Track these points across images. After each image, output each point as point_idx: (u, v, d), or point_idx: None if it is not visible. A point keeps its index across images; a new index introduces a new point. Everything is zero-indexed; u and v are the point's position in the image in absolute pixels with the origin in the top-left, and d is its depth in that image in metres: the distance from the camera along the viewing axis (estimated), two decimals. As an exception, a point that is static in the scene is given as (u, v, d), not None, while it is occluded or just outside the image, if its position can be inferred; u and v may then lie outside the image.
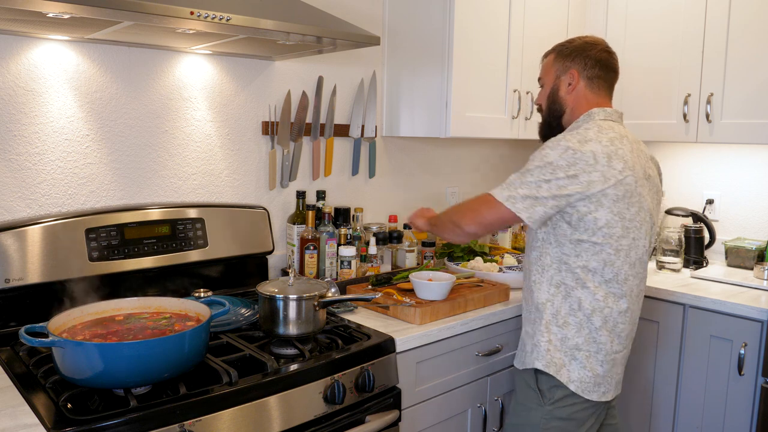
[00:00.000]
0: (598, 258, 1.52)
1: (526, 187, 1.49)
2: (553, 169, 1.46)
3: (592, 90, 1.65)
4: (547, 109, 1.71)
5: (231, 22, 1.41)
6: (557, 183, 1.46)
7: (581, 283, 1.54)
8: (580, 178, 1.45)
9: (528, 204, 1.49)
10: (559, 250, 1.56)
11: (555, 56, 1.69)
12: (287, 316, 1.54)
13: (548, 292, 1.59)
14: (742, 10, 2.24)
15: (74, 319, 1.38)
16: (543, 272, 1.60)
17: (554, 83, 1.69)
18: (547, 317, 1.59)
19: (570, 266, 1.54)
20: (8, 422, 1.12)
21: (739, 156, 2.62)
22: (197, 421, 1.22)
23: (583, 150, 1.46)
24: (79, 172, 1.75)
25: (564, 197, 1.47)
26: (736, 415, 2.06)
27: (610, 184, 1.46)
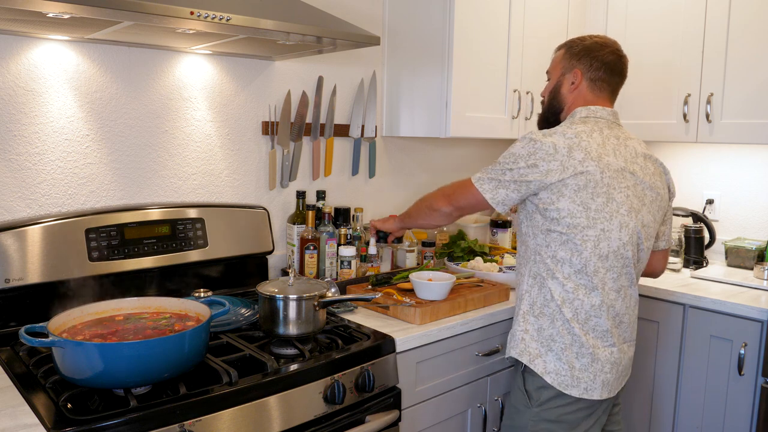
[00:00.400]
0: (566, 248, 1.56)
1: (493, 172, 1.61)
2: (515, 158, 1.56)
3: (593, 91, 1.68)
4: (548, 104, 1.76)
5: (231, 22, 1.41)
6: (519, 171, 1.56)
7: (551, 273, 1.58)
8: (539, 167, 1.53)
9: (492, 186, 1.60)
10: (534, 241, 1.61)
11: (564, 52, 1.72)
12: (287, 316, 1.54)
13: (527, 282, 1.64)
14: (742, 10, 2.24)
15: (74, 319, 1.37)
16: (525, 264, 1.66)
17: (558, 80, 1.72)
18: (524, 307, 1.63)
19: (542, 256, 1.59)
20: (8, 422, 1.12)
21: (739, 156, 2.62)
22: (197, 421, 1.22)
23: (544, 141, 1.54)
24: (79, 172, 1.75)
25: (524, 183, 1.56)
26: (736, 415, 2.06)
27: (568, 174, 1.51)
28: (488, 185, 1.60)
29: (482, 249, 2.41)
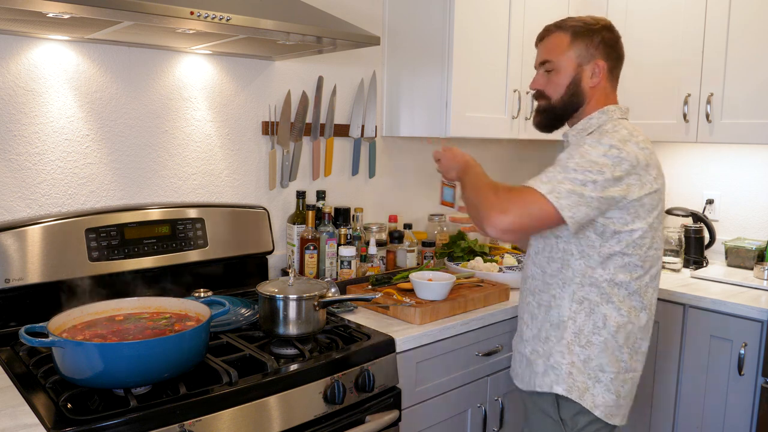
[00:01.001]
0: (625, 270, 1.41)
1: (569, 183, 1.31)
2: (600, 167, 1.31)
3: (611, 83, 1.53)
4: (567, 100, 1.51)
5: (231, 22, 1.41)
6: (603, 183, 1.31)
7: (607, 297, 1.41)
8: (623, 181, 1.33)
9: (573, 201, 1.31)
10: (583, 263, 1.41)
11: (572, 37, 1.49)
12: (287, 316, 1.54)
13: (570, 308, 1.44)
14: (742, 10, 2.24)
15: (74, 319, 1.37)
16: (564, 287, 1.45)
17: (576, 72, 1.49)
18: (568, 336, 1.44)
19: (596, 280, 1.41)
20: (8, 422, 1.12)
21: (739, 156, 2.62)
22: (197, 421, 1.22)
23: (627, 150, 1.34)
24: (79, 172, 1.75)
25: (606, 200, 1.33)
26: (736, 415, 2.06)
27: (645, 191, 1.36)
28: (567, 200, 1.30)
29: (482, 249, 2.41)
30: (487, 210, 1.36)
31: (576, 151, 1.36)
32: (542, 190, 1.32)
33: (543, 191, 1.32)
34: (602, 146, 1.35)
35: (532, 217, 1.33)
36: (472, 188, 1.47)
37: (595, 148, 1.35)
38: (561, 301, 1.45)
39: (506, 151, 3.03)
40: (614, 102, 1.52)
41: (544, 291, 1.49)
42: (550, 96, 1.52)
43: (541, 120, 1.58)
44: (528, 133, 2.47)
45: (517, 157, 3.08)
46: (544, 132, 1.60)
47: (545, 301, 1.49)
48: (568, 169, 1.33)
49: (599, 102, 1.50)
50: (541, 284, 1.50)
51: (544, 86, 1.54)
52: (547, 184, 1.33)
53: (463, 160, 1.59)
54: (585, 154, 1.34)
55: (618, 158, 1.33)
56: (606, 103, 1.50)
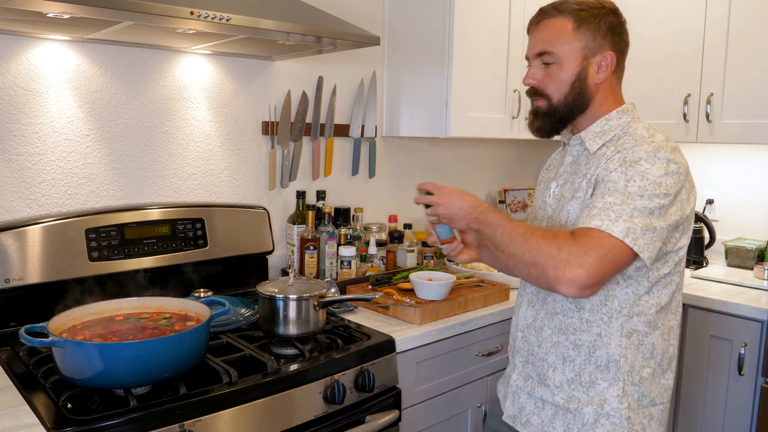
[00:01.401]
0: (668, 290, 1.27)
1: (640, 216, 1.12)
2: (666, 189, 1.14)
3: (618, 77, 1.32)
4: (571, 100, 1.28)
5: (231, 22, 1.41)
6: (668, 208, 1.15)
7: (654, 325, 1.26)
8: (679, 199, 1.18)
9: (648, 239, 1.13)
10: (631, 291, 1.24)
11: (576, 23, 1.26)
12: (287, 316, 1.54)
13: (620, 345, 1.25)
14: (742, 10, 2.24)
15: (74, 319, 1.37)
16: (611, 322, 1.25)
17: (582, 65, 1.27)
18: (622, 376, 1.25)
19: (643, 308, 1.24)
20: (8, 422, 1.12)
21: (739, 156, 2.62)
22: (197, 421, 1.22)
23: (680, 161, 1.18)
24: (79, 172, 1.75)
25: (671, 226, 1.17)
26: (736, 415, 2.06)
27: (692, 205, 1.22)
28: (643, 240, 1.12)
29: (482, 249, 2.41)
30: (557, 269, 1.11)
31: (633, 170, 1.15)
32: (616, 233, 1.11)
33: (618, 235, 1.11)
34: (660, 161, 1.16)
35: (612, 265, 1.13)
36: (510, 243, 1.20)
37: (654, 164, 1.15)
38: (609, 339, 1.25)
39: (506, 151, 3.03)
40: (622, 98, 1.34)
41: (583, 330, 1.27)
42: (551, 95, 1.29)
43: (541, 124, 1.33)
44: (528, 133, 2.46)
45: (517, 157, 3.08)
46: (543, 137, 1.37)
47: (587, 341, 1.26)
48: (633, 196, 1.13)
49: (606, 99, 1.30)
50: (577, 322, 1.27)
51: (542, 82, 1.30)
52: (617, 223, 1.12)
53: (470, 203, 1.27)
54: (646, 174, 1.14)
55: (677, 174, 1.16)
56: (616, 101, 1.31)
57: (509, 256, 1.20)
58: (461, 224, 1.28)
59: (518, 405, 1.39)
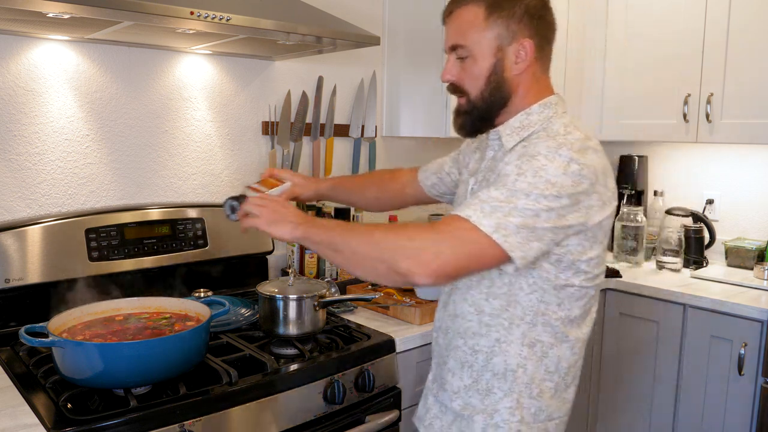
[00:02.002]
0: (581, 303, 1.18)
1: (519, 214, 1.03)
2: (558, 189, 1.04)
3: (542, 64, 1.20)
4: (489, 96, 1.18)
5: (231, 22, 1.41)
6: (559, 211, 1.04)
7: (563, 337, 1.18)
8: (581, 203, 1.07)
9: (523, 238, 1.03)
10: (535, 298, 1.15)
11: (487, 11, 1.15)
12: (287, 316, 1.54)
13: (520, 354, 1.17)
14: (742, 10, 2.24)
15: (74, 319, 1.37)
16: (511, 328, 1.16)
17: (496, 57, 1.16)
18: (519, 387, 1.18)
19: (549, 317, 1.16)
20: (8, 422, 1.12)
21: (739, 156, 2.62)
22: (197, 421, 1.22)
23: (587, 163, 1.07)
24: (79, 172, 1.75)
25: (562, 230, 1.07)
26: (736, 415, 2.06)
27: (607, 214, 1.11)
28: (516, 238, 1.03)
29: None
30: (409, 258, 1.03)
31: (528, 164, 1.06)
32: (485, 226, 1.02)
33: (485, 229, 1.02)
34: (561, 159, 1.05)
35: (471, 259, 1.04)
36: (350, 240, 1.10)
37: (553, 161, 1.05)
38: (508, 346, 1.17)
39: (506, 151, 3.02)
40: (548, 88, 1.22)
41: (482, 334, 1.19)
42: (469, 92, 1.19)
43: (462, 123, 1.23)
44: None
45: (517, 157, 3.07)
46: (467, 137, 1.29)
47: (485, 346, 1.19)
48: (518, 194, 1.03)
49: (530, 91, 1.19)
50: (476, 326, 1.19)
51: (459, 78, 1.20)
52: (490, 218, 1.03)
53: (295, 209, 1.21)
54: (540, 171, 1.04)
55: (579, 176, 1.05)
56: (540, 92, 1.20)
57: (352, 255, 1.10)
58: (287, 228, 1.17)
59: (426, 406, 1.35)
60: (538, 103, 1.18)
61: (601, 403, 2.43)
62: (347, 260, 1.11)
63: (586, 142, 1.10)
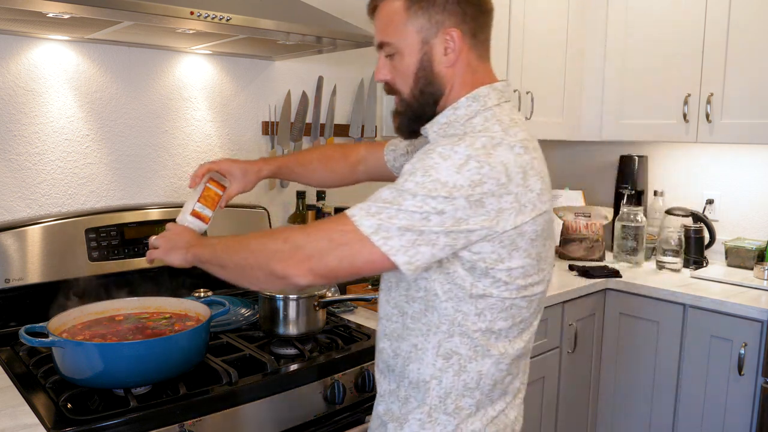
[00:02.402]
0: (507, 314, 1.05)
1: (405, 217, 0.94)
2: (450, 190, 0.93)
3: (478, 53, 1.10)
4: (419, 93, 1.10)
5: (231, 22, 1.41)
6: (454, 214, 0.94)
7: (483, 351, 1.06)
8: (486, 206, 0.95)
9: (407, 241, 0.95)
10: (452, 307, 1.04)
11: (407, 3, 1.07)
12: (287, 316, 1.54)
13: (434, 365, 1.07)
14: (742, 10, 2.24)
15: (74, 319, 1.38)
16: (428, 335, 1.07)
17: (423, 51, 1.08)
18: (431, 400, 1.08)
19: (467, 328, 1.04)
20: (8, 422, 1.12)
21: (739, 156, 2.62)
22: (197, 421, 1.22)
23: (493, 161, 0.95)
24: (79, 172, 1.75)
25: (463, 234, 0.96)
26: (736, 415, 2.06)
27: (527, 217, 0.99)
28: (399, 241, 0.94)
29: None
30: (283, 260, 0.99)
31: (421, 163, 0.97)
32: (364, 228, 0.95)
33: (365, 230, 0.95)
34: (457, 156, 0.95)
35: (346, 260, 0.97)
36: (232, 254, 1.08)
37: (447, 159, 0.95)
38: (423, 354, 1.07)
39: (506, 151, 3.02)
40: (488, 77, 1.12)
41: (403, 338, 1.10)
42: (401, 91, 1.12)
43: (398, 124, 1.16)
44: (528, 133, 2.46)
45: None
46: (406, 138, 1.22)
47: (404, 350, 1.10)
48: (404, 194, 0.95)
49: (465, 83, 1.09)
50: (400, 328, 1.11)
51: (391, 77, 1.12)
52: (373, 218, 0.96)
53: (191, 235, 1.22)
54: (430, 170, 0.95)
55: (478, 175, 0.94)
56: (477, 83, 1.09)
57: (232, 267, 1.08)
58: (179, 254, 1.19)
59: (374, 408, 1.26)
60: (466, 96, 1.08)
61: (601, 403, 2.43)
62: (233, 274, 1.08)
63: (503, 137, 0.99)
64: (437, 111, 1.11)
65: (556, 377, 2.23)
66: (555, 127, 2.60)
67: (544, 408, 2.21)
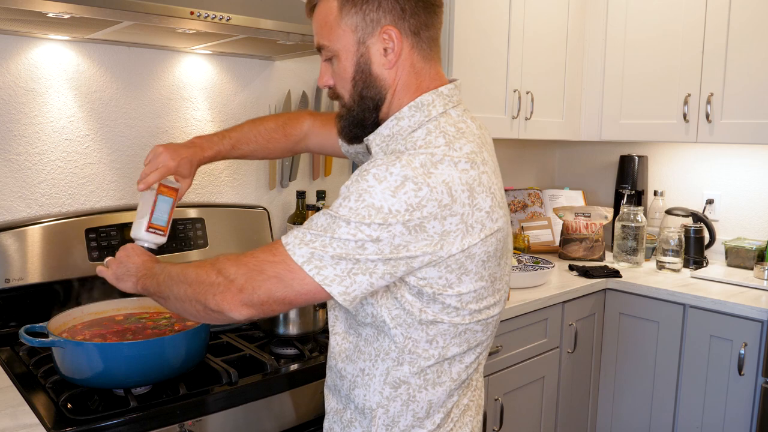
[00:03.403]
0: (461, 340, 1.00)
1: (339, 245, 0.89)
2: (384, 218, 0.87)
3: (422, 52, 1.01)
4: (358, 97, 1.03)
5: (231, 22, 1.41)
6: (392, 241, 0.88)
7: (434, 379, 1.00)
8: (430, 229, 0.89)
9: (342, 271, 0.90)
10: (401, 333, 0.98)
11: (340, 2, 0.99)
12: (287, 316, 1.54)
13: (381, 393, 1.01)
14: (742, 10, 2.25)
15: (74, 319, 1.38)
16: (377, 361, 1.01)
17: (360, 52, 1.00)
18: (377, 429, 1.02)
19: (417, 356, 0.99)
20: (8, 422, 1.12)
21: (739, 156, 2.62)
22: (197, 421, 1.22)
23: (433, 181, 0.88)
24: (79, 172, 1.75)
25: (403, 261, 0.90)
26: (736, 415, 2.06)
27: (475, 240, 0.92)
28: (333, 270, 0.89)
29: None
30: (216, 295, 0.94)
31: (355, 186, 0.90)
32: (297, 257, 0.90)
33: (298, 260, 0.90)
34: (392, 178, 0.87)
35: (279, 292, 0.92)
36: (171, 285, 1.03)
37: (382, 182, 0.88)
38: (370, 380, 1.01)
39: (506, 151, 3.03)
40: (435, 80, 1.03)
41: (352, 359, 1.04)
42: (342, 95, 1.06)
43: (340, 129, 1.09)
44: (528, 133, 2.47)
45: (517, 157, 3.08)
46: (350, 144, 1.13)
47: (350, 373, 1.04)
48: (338, 221, 0.89)
49: (409, 87, 1.01)
50: (352, 348, 1.05)
51: (331, 82, 1.07)
52: (307, 246, 0.90)
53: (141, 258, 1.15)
54: (364, 194, 0.88)
55: (416, 198, 0.87)
56: (421, 87, 1.01)
57: (173, 299, 1.03)
58: (129, 283, 1.13)
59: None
60: (409, 105, 1.00)
61: (601, 403, 2.43)
62: (173, 306, 1.04)
63: (446, 151, 0.91)
64: (381, 117, 1.04)
65: (556, 377, 2.23)
66: (555, 127, 2.60)
67: (544, 408, 2.21)
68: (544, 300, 2.09)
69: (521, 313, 2.00)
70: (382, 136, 1.02)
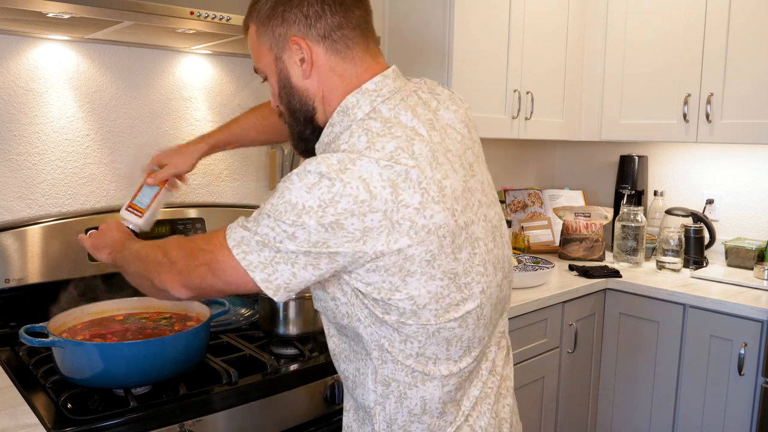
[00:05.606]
0: (438, 339, 0.97)
1: (260, 234, 0.92)
2: (299, 213, 0.88)
3: (339, 54, 1.00)
4: (289, 112, 1.06)
5: (231, 22, 1.42)
6: (308, 238, 0.89)
7: (421, 377, 0.99)
8: (347, 226, 0.88)
9: (266, 258, 0.91)
10: (375, 332, 0.97)
11: (257, 24, 1.03)
12: (287, 316, 1.54)
13: (375, 391, 1.01)
14: (742, 9, 2.25)
15: (74, 319, 1.38)
16: (367, 360, 1.01)
17: (279, 68, 1.03)
18: (379, 426, 1.03)
19: (396, 355, 0.98)
20: (8, 422, 1.12)
21: (739, 156, 2.62)
22: (197, 421, 1.22)
23: (345, 178, 0.87)
24: (79, 172, 1.75)
25: (325, 255, 0.90)
26: (736, 415, 2.06)
27: (407, 240, 0.89)
28: (257, 257, 0.92)
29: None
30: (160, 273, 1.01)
31: (282, 183, 0.93)
32: (230, 240, 0.94)
33: (230, 242, 0.94)
34: (309, 176, 0.88)
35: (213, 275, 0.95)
36: (130, 261, 1.11)
37: (302, 179, 0.89)
38: (365, 379, 1.02)
39: (506, 151, 3.03)
40: (360, 79, 1.00)
41: (350, 359, 1.06)
42: (282, 112, 1.09)
43: (292, 143, 1.13)
44: (528, 133, 2.47)
45: (517, 157, 3.08)
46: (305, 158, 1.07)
47: (351, 374, 1.06)
48: (262, 215, 0.93)
49: (335, 91, 1.01)
50: (347, 349, 1.06)
51: (274, 102, 1.10)
52: (242, 231, 0.94)
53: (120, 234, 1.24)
54: (285, 192, 0.90)
55: (329, 194, 0.87)
56: (346, 89, 1.00)
57: (131, 275, 1.11)
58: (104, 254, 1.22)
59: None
60: (336, 111, 1.00)
61: (601, 403, 2.43)
62: (132, 281, 1.12)
63: (368, 145, 0.91)
64: (322, 126, 1.04)
65: (556, 377, 2.23)
66: (555, 127, 2.60)
67: (544, 408, 2.21)
68: (544, 300, 2.09)
69: (521, 313, 2.00)
70: (323, 144, 1.03)
